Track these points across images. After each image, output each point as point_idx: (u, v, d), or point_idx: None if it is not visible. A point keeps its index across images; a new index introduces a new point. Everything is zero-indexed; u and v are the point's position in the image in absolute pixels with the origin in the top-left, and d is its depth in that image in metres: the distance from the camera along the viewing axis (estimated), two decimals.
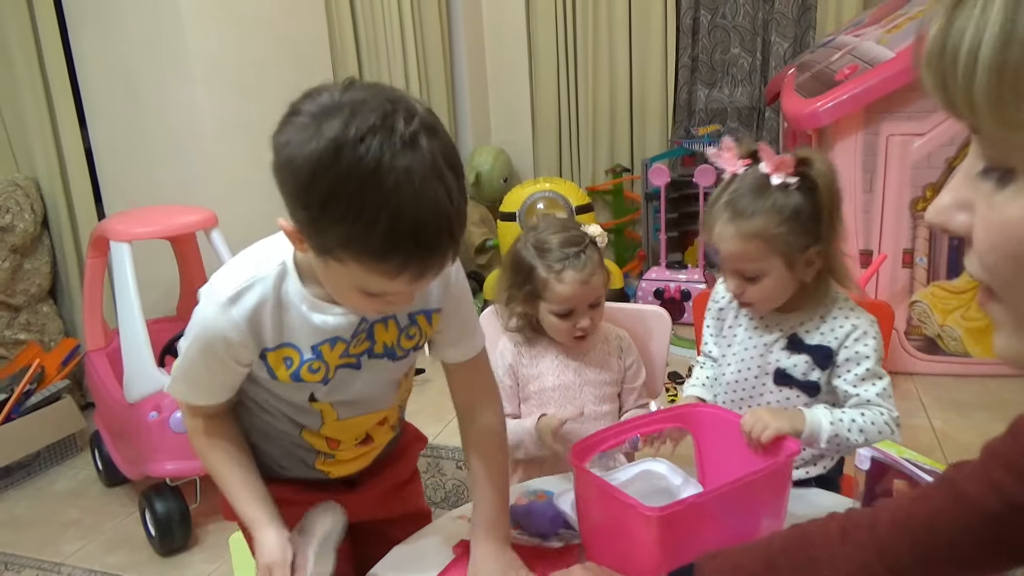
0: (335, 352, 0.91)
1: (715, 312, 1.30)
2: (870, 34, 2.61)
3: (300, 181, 0.73)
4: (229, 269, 0.91)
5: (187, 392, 0.96)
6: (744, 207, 1.07)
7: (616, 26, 3.65)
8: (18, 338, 2.64)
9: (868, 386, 1.09)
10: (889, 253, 2.51)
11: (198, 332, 0.89)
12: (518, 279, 1.35)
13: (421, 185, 0.72)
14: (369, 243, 0.73)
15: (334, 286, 0.84)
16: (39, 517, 2.24)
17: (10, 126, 2.73)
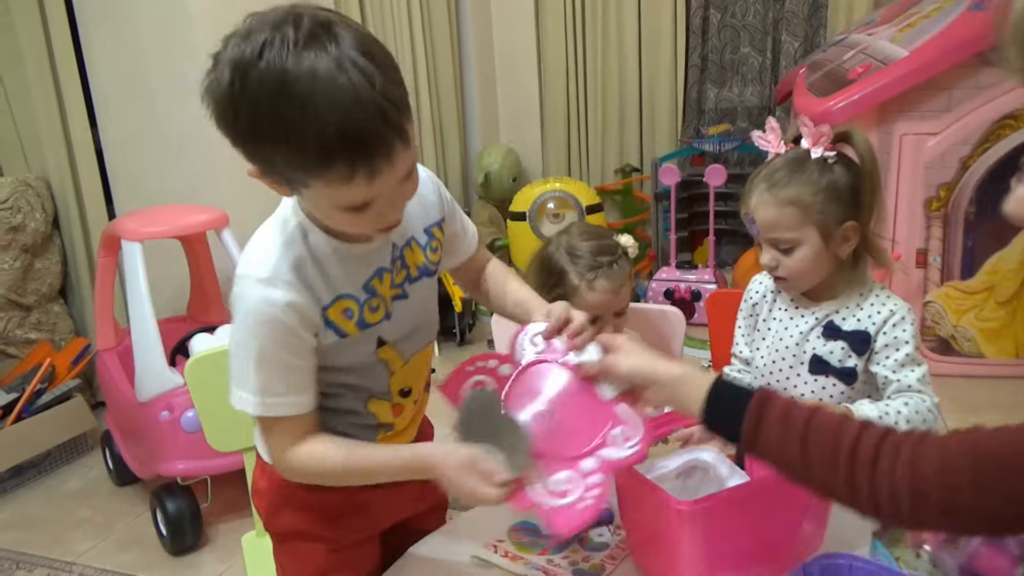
0: (385, 284, 0.90)
1: (748, 310, 1.29)
2: (883, 33, 2.59)
3: (227, 122, 0.73)
4: (253, 251, 0.87)
5: (278, 402, 0.86)
6: (780, 177, 1.10)
7: (625, 25, 3.64)
8: (29, 337, 2.64)
9: (908, 372, 1.09)
10: (903, 253, 2.49)
11: (256, 322, 0.83)
12: (548, 282, 1.35)
13: (331, 82, 0.69)
14: (308, 159, 0.71)
15: (324, 214, 0.82)
16: (50, 516, 2.25)
17: (21, 126, 2.74)
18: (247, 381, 0.85)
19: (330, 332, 0.87)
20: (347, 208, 0.78)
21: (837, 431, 0.72)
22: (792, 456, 0.74)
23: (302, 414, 0.88)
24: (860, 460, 0.69)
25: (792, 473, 0.75)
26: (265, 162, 0.75)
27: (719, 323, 1.49)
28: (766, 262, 1.15)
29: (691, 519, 0.84)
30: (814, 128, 1.11)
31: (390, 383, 0.97)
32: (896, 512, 0.68)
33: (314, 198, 0.79)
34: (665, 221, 3.51)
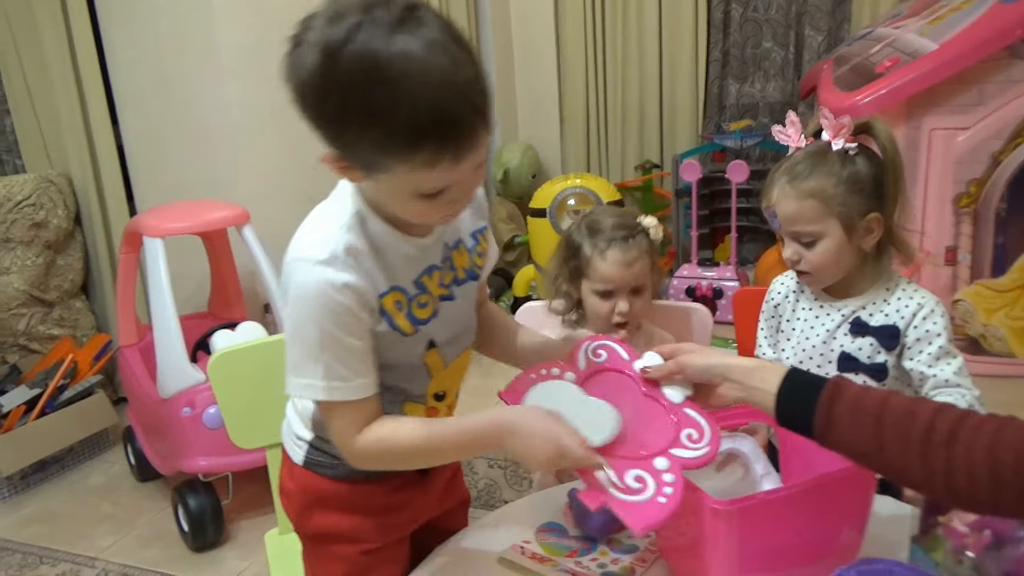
0: (434, 281, 0.90)
1: (770, 311, 1.28)
2: (911, 26, 2.54)
3: (313, 105, 0.72)
4: (308, 234, 0.84)
5: (343, 386, 0.83)
6: (802, 169, 1.10)
7: (646, 20, 3.60)
8: (51, 333, 2.66)
9: (944, 365, 1.08)
10: (931, 250, 2.45)
11: (315, 305, 0.80)
12: (566, 256, 1.38)
13: (425, 65, 0.69)
14: (397, 142, 0.71)
15: (396, 201, 0.80)
16: (73, 511, 2.26)
17: (43, 123, 2.76)
18: (309, 367, 0.82)
19: (384, 322, 0.86)
20: (421, 195, 0.77)
21: (912, 412, 0.71)
22: (866, 440, 0.72)
23: (367, 397, 0.86)
24: (935, 441, 0.67)
25: (866, 459, 0.74)
26: (347, 146, 0.74)
27: (746, 321, 1.46)
28: (788, 256, 1.14)
29: (727, 519, 0.81)
30: (835, 120, 1.10)
31: (428, 387, 0.95)
32: (974, 496, 0.66)
33: (390, 183, 0.77)
34: (686, 218, 3.48)
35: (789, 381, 0.80)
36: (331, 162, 0.78)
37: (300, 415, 0.99)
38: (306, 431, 0.98)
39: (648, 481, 0.81)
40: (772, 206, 1.13)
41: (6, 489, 2.31)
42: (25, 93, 2.74)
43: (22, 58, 2.70)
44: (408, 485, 1.00)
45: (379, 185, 0.79)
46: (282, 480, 1.04)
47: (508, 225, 3.66)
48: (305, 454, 0.98)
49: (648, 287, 1.37)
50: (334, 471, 0.97)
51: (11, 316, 2.55)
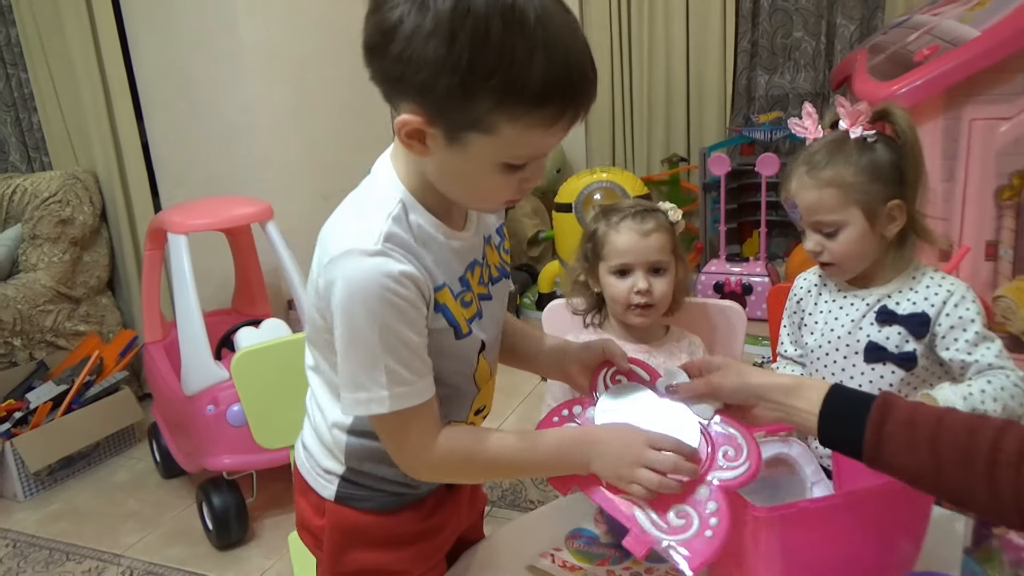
0: (475, 278, 0.85)
1: (793, 307, 1.27)
2: (950, 12, 2.46)
3: (439, 46, 0.65)
4: (348, 226, 0.79)
5: (410, 392, 0.77)
6: (819, 159, 1.09)
7: (673, 10, 3.53)
8: (78, 330, 2.67)
9: (983, 350, 1.06)
10: (971, 245, 2.36)
11: (370, 298, 0.73)
12: (583, 243, 1.35)
13: (558, 20, 0.67)
14: (528, 89, 0.66)
15: (472, 175, 0.75)
16: (99, 508, 2.26)
17: (69, 121, 2.77)
18: (371, 377, 0.75)
19: (440, 315, 0.80)
20: (507, 166, 0.73)
21: (973, 430, 0.66)
22: (922, 462, 0.68)
23: (432, 397, 0.80)
24: (1002, 462, 0.63)
25: (922, 481, 0.69)
26: (466, 95, 0.67)
27: (779, 318, 1.42)
28: (810, 247, 1.13)
29: (768, 526, 0.78)
30: (852, 108, 1.08)
31: (474, 402, 0.91)
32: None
33: (479, 152, 0.72)
34: (713, 212, 3.41)
35: (833, 399, 0.75)
36: (410, 126, 0.71)
37: (327, 447, 0.90)
38: (337, 464, 0.90)
39: (692, 515, 0.78)
40: (792, 197, 1.13)
41: (33, 485, 2.33)
42: (52, 91, 2.76)
43: (48, 57, 2.71)
44: (441, 506, 0.95)
45: (456, 159, 0.73)
46: (306, 517, 0.95)
47: (533, 220, 3.62)
48: (337, 488, 0.90)
49: (670, 270, 1.30)
50: (371, 503, 0.91)
51: (39, 312, 2.57)
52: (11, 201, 2.68)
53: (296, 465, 0.98)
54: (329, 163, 2.60)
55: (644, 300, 1.27)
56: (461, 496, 1.00)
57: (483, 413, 0.95)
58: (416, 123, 0.71)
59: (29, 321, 2.54)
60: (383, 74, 0.71)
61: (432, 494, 0.94)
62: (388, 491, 0.90)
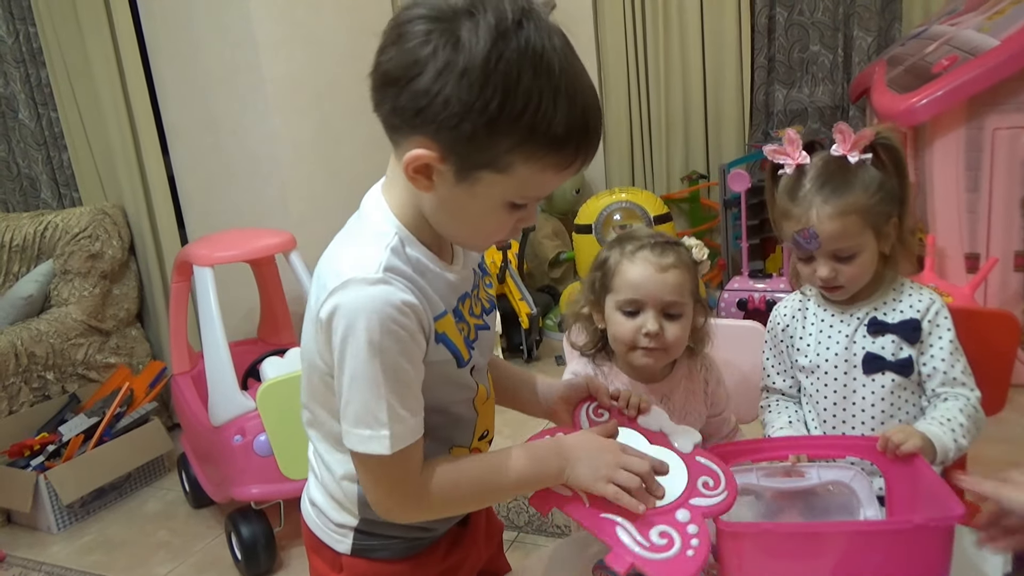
0: (466, 308, 0.86)
1: (778, 336, 1.26)
2: (969, 22, 2.44)
3: (472, 87, 0.66)
4: (347, 256, 0.78)
5: (406, 431, 0.76)
6: (837, 186, 1.09)
7: (688, 28, 3.54)
8: (108, 362, 2.72)
9: (955, 362, 1.10)
10: (999, 256, 2.33)
11: (379, 326, 0.72)
12: (591, 272, 1.22)
13: (575, 64, 0.71)
14: (551, 132, 0.69)
15: (474, 213, 0.76)
16: (131, 538, 2.29)
17: (98, 157, 2.84)
18: (373, 413, 0.75)
19: (440, 346, 0.80)
20: (513, 205, 0.76)
21: None
22: None
23: (421, 438, 0.79)
24: None
25: None
26: (491, 135, 0.68)
27: None
28: (826, 275, 1.12)
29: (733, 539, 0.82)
30: (853, 134, 1.10)
31: (476, 425, 0.91)
32: None
33: (488, 190, 0.73)
34: (735, 229, 3.39)
35: None
36: (420, 161, 0.72)
37: (338, 501, 0.89)
38: (350, 517, 0.89)
39: (673, 536, 0.79)
40: (811, 227, 1.10)
41: (67, 517, 2.36)
42: (81, 130, 2.83)
43: (77, 97, 2.79)
44: (457, 543, 0.95)
45: (462, 196, 0.74)
46: (321, 573, 0.93)
47: (553, 242, 3.63)
48: (352, 542, 0.89)
49: (686, 315, 1.15)
50: (388, 552, 0.89)
51: (70, 346, 2.62)
52: (43, 237, 2.75)
53: (305, 522, 0.96)
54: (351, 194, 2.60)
55: (652, 344, 1.13)
56: (476, 529, 1.00)
57: (487, 438, 0.95)
58: (428, 158, 0.71)
59: (61, 355, 2.59)
60: (401, 106, 0.71)
61: (447, 533, 0.94)
62: (404, 537, 0.90)
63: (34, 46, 2.86)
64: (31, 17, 2.80)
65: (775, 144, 1.16)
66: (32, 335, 2.52)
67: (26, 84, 2.95)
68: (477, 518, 1.01)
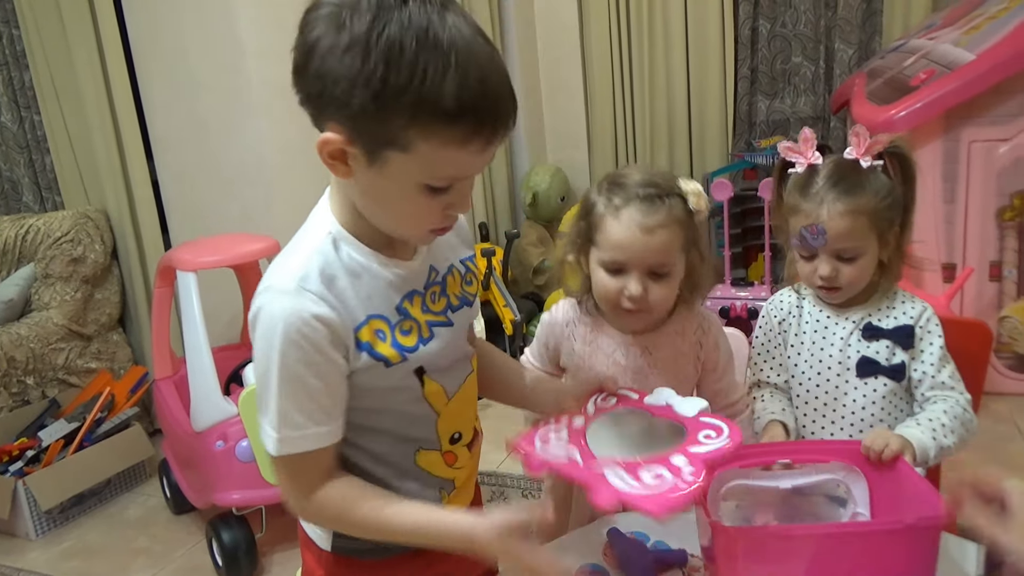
0: (416, 307, 0.85)
1: (774, 329, 1.27)
2: (946, 36, 2.49)
3: (354, 62, 0.69)
4: (278, 263, 0.82)
5: (297, 435, 0.78)
6: (850, 186, 1.11)
7: (673, 39, 3.58)
8: (89, 367, 2.70)
9: (942, 366, 1.13)
10: (975, 266, 2.37)
11: (277, 336, 0.76)
12: (577, 220, 1.15)
13: (473, 43, 0.71)
14: (441, 106, 0.69)
15: (396, 197, 0.77)
16: (110, 545, 2.27)
17: (81, 162, 2.83)
18: (265, 414, 0.79)
19: (363, 354, 0.80)
20: (428, 188, 0.75)
21: None
22: None
23: (325, 447, 0.81)
24: None
25: None
26: (380, 111, 0.70)
27: None
28: (827, 274, 1.14)
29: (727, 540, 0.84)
30: (868, 138, 1.12)
31: (438, 427, 0.90)
32: None
33: (399, 171, 0.74)
34: (718, 237, 3.42)
35: None
36: (332, 146, 0.74)
37: None
38: None
39: (666, 476, 0.79)
40: (820, 223, 1.12)
41: (46, 523, 2.34)
42: (64, 133, 2.82)
43: (61, 99, 2.77)
44: (445, 558, 0.93)
45: (378, 179, 0.75)
46: (310, 568, 0.95)
47: (538, 249, 3.64)
48: (332, 538, 0.91)
49: (674, 273, 1.08)
50: (369, 552, 0.90)
51: (51, 351, 2.60)
52: (24, 241, 2.73)
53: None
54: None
55: (635, 307, 1.08)
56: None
57: (462, 441, 0.93)
58: (337, 142, 0.74)
59: (41, 359, 2.57)
60: (306, 93, 0.75)
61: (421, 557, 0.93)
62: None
63: (17, 48, 2.85)
64: (15, 19, 2.79)
65: (789, 142, 1.19)
66: (12, 339, 2.50)
67: (9, 87, 2.93)
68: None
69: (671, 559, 1.05)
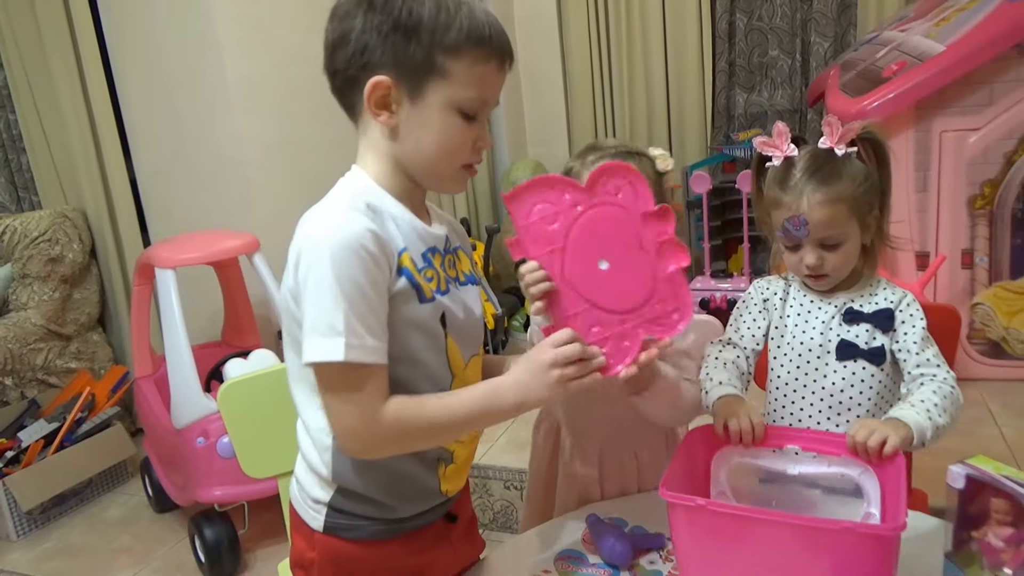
0: (437, 262, 0.91)
1: (758, 304, 1.27)
2: (917, 28, 2.52)
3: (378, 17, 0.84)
4: (315, 210, 0.88)
5: (367, 345, 0.79)
6: (826, 175, 1.13)
7: (650, 33, 3.60)
8: (69, 367, 2.68)
9: (926, 346, 1.14)
10: (947, 254, 2.41)
11: (342, 247, 0.79)
12: None
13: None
14: (463, 27, 0.84)
15: (435, 127, 0.87)
16: (92, 545, 2.26)
17: (58, 160, 2.80)
18: (329, 323, 0.79)
19: (402, 278, 0.85)
20: (462, 112, 0.87)
21: None
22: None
23: (383, 365, 0.82)
24: None
25: None
26: (411, 51, 0.84)
27: None
28: (813, 263, 1.15)
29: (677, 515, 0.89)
30: (841, 126, 1.14)
31: (452, 385, 0.93)
32: None
33: (438, 97, 0.86)
34: (698, 230, 3.45)
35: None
36: (379, 91, 0.85)
37: (316, 474, 0.93)
38: (324, 492, 0.92)
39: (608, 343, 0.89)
40: (801, 214, 1.14)
41: (26, 524, 2.33)
42: (40, 132, 2.79)
43: (36, 98, 2.75)
44: (434, 545, 0.97)
45: (421, 113, 0.86)
46: (299, 552, 0.97)
47: None
48: (325, 518, 0.93)
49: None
50: (359, 532, 0.92)
51: (29, 351, 2.58)
52: (1, 241, 2.70)
53: (291, 501, 0.99)
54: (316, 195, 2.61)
55: None
56: (455, 535, 1.02)
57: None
58: (384, 84, 0.85)
59: (20, 360, 2.55)
60: (347, 59, 0.86)
61: (429, 528, 0.96)
62: (375, 519, 0.92)
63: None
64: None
65: (759, 135, 1.21)
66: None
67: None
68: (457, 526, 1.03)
69: (649, 543, 1.07)
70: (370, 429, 0.83)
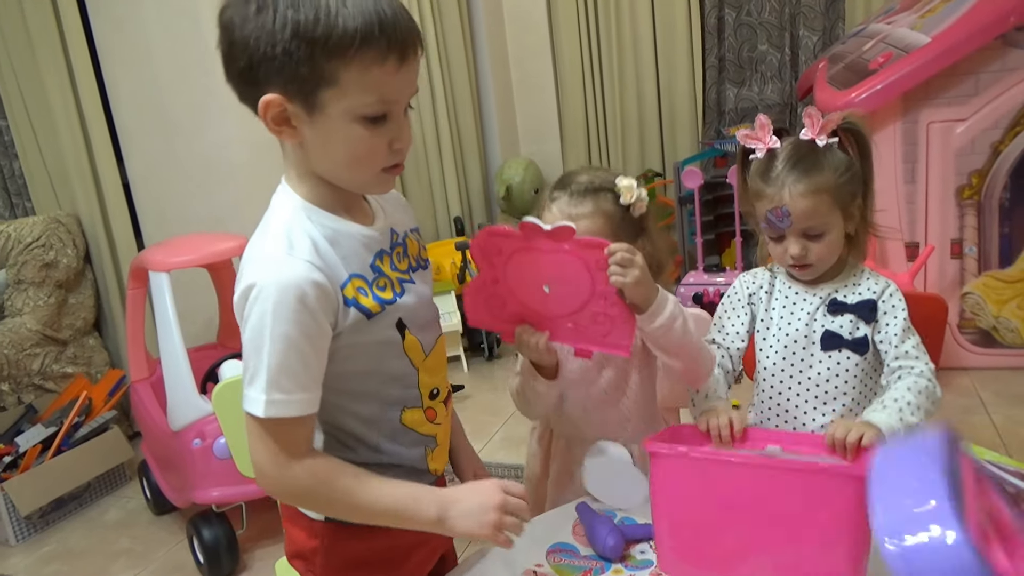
0: (386, 265, 0.90)
1: (743, 300, 1.29)
2: (903, 20, 2.54)
3: (265, 18, 0.76)
4: (256, 243, 0.85)
5: (286, 399, 0.80)
6: (808, 166, 1.14)
7: (640, 30, 3.62)
8: (66, 371, 2.69)
9: (906, 337, 1.16)
10: (936, 244, 2.42)
11: (278, 300, 0.78)
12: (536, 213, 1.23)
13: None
14: (350, 28, 0.75)
15: (340, 139, 0.81)
16: (91, 548, 2.27)
17: (50, 165, 2.81)
18: (256, 376, 0.80)
19: (351, 310, 0.84)
20: (366, 120, 0.80)
21: None
22: None
23: (308, 416, 0.83)
24: None
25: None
26: (296, 60, 0.76)
27: None
28: (797, 253, 1.17)
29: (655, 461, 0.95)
30: (821, 118, 1.15)
31: (419, 383, 0.94)
32: None
33: (336, 105, 0.79)
34: (690, 225, 3.47)
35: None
36: (273, 108, 0.79)
37: None
38: None
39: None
40: (784, 206, 1.15)
41: (25, 529, 2.33)
42: (32, 138, 2.80)
43: (28, 104, 2.75)
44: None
45: (321, 127, 0.81)
46: (297, 543, 0.97)
47: None
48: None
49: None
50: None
51: (25, 356, 2.59)
52: None
53: None
54: None
55: None
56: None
57: (440, 397, 0.97)
58: (277, 101, 0.79)
59: (16, 365, 2.56)
60: (238, 73, 0.80)
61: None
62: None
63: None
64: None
65: (747, 129, 1.22)
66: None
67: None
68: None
69: (639, 534, 1.08)
70: (279, 475, 0.83)
